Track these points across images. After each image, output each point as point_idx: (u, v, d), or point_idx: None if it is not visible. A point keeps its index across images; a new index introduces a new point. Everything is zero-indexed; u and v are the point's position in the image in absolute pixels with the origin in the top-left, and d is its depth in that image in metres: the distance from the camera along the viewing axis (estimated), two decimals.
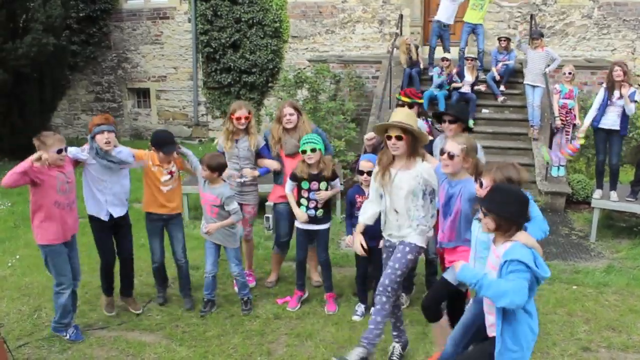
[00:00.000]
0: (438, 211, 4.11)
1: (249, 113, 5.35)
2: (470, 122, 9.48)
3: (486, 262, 3.34)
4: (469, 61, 10.08)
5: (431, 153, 4.61)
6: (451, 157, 3.77)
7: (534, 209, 3.41)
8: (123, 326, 4.96)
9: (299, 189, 5.08)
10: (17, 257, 6.50)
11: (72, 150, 4.65)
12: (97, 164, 4.70)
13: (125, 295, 5.24)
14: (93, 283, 5.45)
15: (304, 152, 4.96)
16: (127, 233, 5.10)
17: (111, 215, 4.85)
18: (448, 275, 3.95)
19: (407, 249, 3.99)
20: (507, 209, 3.08)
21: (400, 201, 3.98)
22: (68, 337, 4.66)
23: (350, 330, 4.83)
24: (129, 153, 4.86)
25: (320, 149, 4.98)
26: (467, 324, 3.67)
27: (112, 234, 5.00)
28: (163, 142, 4.90)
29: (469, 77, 10.05)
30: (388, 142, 3.93)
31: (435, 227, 4.19)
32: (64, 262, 4.56)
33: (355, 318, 5.05)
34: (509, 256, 3.02)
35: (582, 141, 7.40)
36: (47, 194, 4.37)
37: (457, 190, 3.83)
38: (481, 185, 3.52)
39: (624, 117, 6.94)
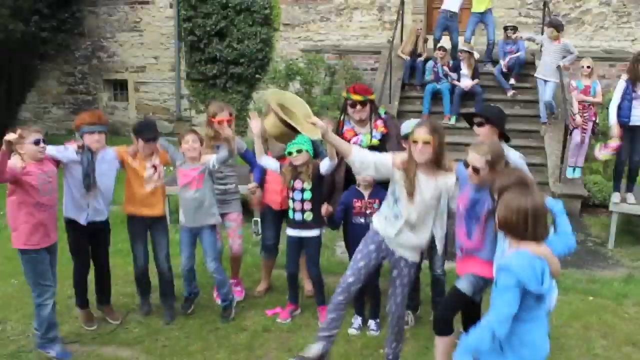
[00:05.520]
0: (450, 217, 4.10)
1: (231, 115, 5.28)
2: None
3: None
4: (462, 54, 10.12)
5: None
6: (476, 171, 3.75)
7: (564, 222, 3.40)
8: (97, 340, 4.92)
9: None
10: None
11: (52, 150, 4.56)
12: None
13: (102, 304, 5.20)
14: (62, 292, 5.39)
15: (289, 153, 4.92)
16: (105, 238, 5.10)
17: (90, 220, 4.84)
18: (461, 285, 3.94)
19: (412, 270, 4.23)
20: (507, 214, 3.02)
21: (417, 210, 3.96)
22: (55, 354, 4.57)
23: (347, 345, 4.81)
24: (113, 156, 4.92)
25: (307, 150, 4.94)
26: None
27: (88, 240, 4.97)
28: (144, 128, 4.93)
29: (465, 71, 10.06)
30: (414, 146, 3.85)
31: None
32: (46, 270, 4.51)
33: (352, 331, 5.03)
34: (502, 262, 3.02)
35: (617, 140, 7.31)
36: (28, 194, 4.31)
37: (482, 196, 3.78)
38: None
39: None
